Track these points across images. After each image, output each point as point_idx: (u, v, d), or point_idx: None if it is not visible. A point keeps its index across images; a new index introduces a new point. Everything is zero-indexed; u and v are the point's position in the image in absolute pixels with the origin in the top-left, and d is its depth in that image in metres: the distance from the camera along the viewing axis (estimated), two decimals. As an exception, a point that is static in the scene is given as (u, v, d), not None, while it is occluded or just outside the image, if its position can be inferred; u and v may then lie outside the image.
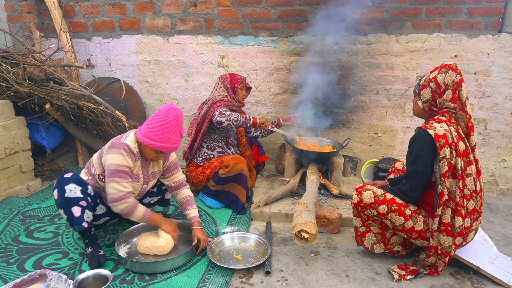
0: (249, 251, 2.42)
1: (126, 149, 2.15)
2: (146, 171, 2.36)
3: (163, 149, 2.13)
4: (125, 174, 2.15)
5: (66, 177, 2.18)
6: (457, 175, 2.02)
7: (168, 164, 2.48)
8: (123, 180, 2.14)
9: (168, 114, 2.11)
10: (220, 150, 3.20)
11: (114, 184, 2.12)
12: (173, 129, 2.13)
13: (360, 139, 3.92)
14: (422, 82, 2.15)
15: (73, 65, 3.64)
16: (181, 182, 2.55)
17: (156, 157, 2.24)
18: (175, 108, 2.16)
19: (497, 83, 3.52)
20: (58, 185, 2.18)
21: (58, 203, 2.19)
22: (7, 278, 2.08)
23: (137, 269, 2.17)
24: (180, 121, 2.17)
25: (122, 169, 2.13)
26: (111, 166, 2.13)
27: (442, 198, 2.04)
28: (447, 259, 2.12)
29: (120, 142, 2.18)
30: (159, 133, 2.10)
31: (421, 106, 2.18)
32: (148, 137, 2.11)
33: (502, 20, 3.40)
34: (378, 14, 3.56)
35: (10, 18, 3.97)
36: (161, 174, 2.50)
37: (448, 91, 2.05)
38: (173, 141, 2.14)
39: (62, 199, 2.15)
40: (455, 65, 2.06)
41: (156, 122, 2.12)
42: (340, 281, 2.16)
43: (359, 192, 2.25)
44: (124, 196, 2.14)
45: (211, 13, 3.79)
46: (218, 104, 3.06)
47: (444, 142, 1.99)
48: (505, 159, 3.68)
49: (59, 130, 3.68)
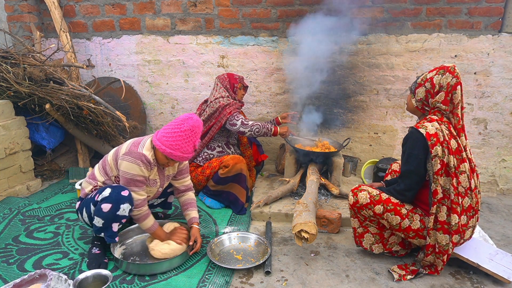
0: (249, 251, 2.42)
1: (143, 160, 2.14)
2: (163, 175, 2.37)
3: (172, 156, 2.11)
4: (141, 183, 2.18)
5: (124, 195, 2.11)
6: (450, 173, 2.03)
7: (182, 167, 2.49)
8: (140, 189, 2.18)
9: (184, 123, 2.09)
10: (220, 150, 3.20)
11: (132, 193, 2.15)
12: (187, 138, 2.10)
13: (360, 139, 3.93)
14: (419, 80, 2.16)
15: (73, 65, 3.64)
16: (189, 186, 2.58)
17: (167, 163, 2.22)
18: (194, 119, 2.12)
19: (497, 83, 3.52)
20: (114, 201, 2.10)
21: (104, 215, 2.11)
22: (7, 278, 2.08)
23: (134, 271, 2.16)
24: (196, 132, 2.13)
25: (138, 179, 2.16)
26: (127, 175, 2.14)
27: (436, 196, 2.05)
28: (445, 258, 2.12)
29: (137, 152, 2.15)
30: (172, 140, 2.08)
31: (414, 104, 2.20)
32: (161, 142, 2.11)
33: (502, 20, 3.41)
34: (378, 14, 3.56)
35: (10, 18, 3.97)
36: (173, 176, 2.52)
37: (441, 93, 2.07)
38: (183, 151, 2.11)
39: (112, 215, 2.11)
40: (454, 68, 2.07)
41: (172, 128, 2.11)
42: (340, 281, 2.16)
43: (354, 193, 2.26)
44: (141, 204, 2.19)
45: (211, 13, 3.79)
46: (228, 110, 3.05)
47: (435, 141, 2.00)
48: (505, 159, 3.68)
49: (59, 130, 3.68)
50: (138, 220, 2.25)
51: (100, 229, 2.17)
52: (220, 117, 3.06)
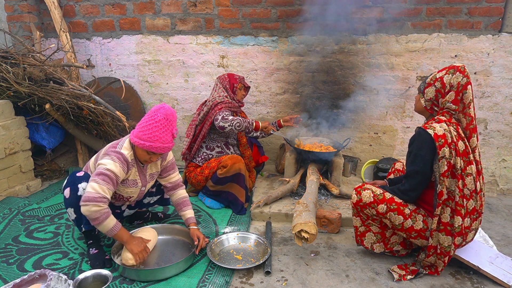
0: (249, 251, 2.42)
1: (120, 158, 2.11)
2: (144, 175, 2.34)
3: (153, 149, 2.08)
4: (109, 179, 2.05)
5: (79, 176, 2.16)
6: (456, 175, 2.02)
7: (165, 164, 2.46)
8: (105, 184, 2.03)
9: (157, 113, 2.07)
10: (219, 150, 3.20)
11: (95, 184, 2.01)
12: (163, 128, 2.07)
13: (360, 139, 3.92)
14: (428, 80, 2.14)
15: (73, 65, 3.64)
16: (177, 183, 2.54)
17: (150, 158, 2.17)
18: (166, 107, 2.11)
19: (497, 83, 3.52)
20: (70, 184, 2.15)
21: (69, 202, 2.15)
22: (7, 278, 2.08)
23: (133, 277, 2.12)
24: (171, 120, 2.10)
25: (109, 173, 2.05)
26: (99, 168, 2.08)
27: (441, 197, 2.04)
28: (446, 259, 2.12)
29: (115, 151, 2.14)
30: (148, 133, 2.06)
31: (424, 104, 2.18)
32: (138, 137, 2.08)
33: (502, 20, 3.40)
34: (378, 14, 3.56)
35: (10, 18, 3.96)
36: (158, 174, 2.49)
37: (452, 92, 2.05)
38: (163, 141, 2.08)
39: (74, 198, 2.12)
40: (464, 67, 2.06)
41: (146, 122, 2.09)
42: (340, 281, 2.16)
43: (358, 191, 2.25)
44: (99, 200, 1.99)
45: (211, 13, 3.79)
46: (219, 106, 3.05)
47: (443, 142, 1.99)
48: (505, 159, 3.68)
49: (59, 130, 3.68)
50: (96, 220, 2.00)
51: (77, 219, 2.16)
52: (211, 113, 3.06)
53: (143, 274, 2.11)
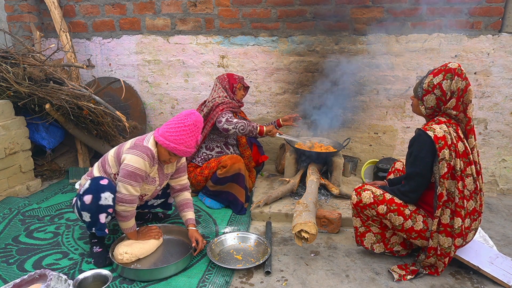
0: (249, 251, 2.42)
1: (148, 154, 2.14)
2: (162, 173, 2.37)
3: (176, 151, 2.12)
4: (140, 178, 2.15)
5: (103, 184, 2.12)
6: (456, 176, 2.02)
7: (179, 166, 2.49)
8: (138, 185, 2.15)
9: (188, 118, 2.13)
10: (219, 151, 3.20)
11: (129, 186, 2.12)
12: (190, 133, 2.13)
13: (360, 139, 3.92)
14: (425, 87, 2.08)
15: (73, 65, 3.64)
16: (185, 186, 2.57)
17: (169, 159, 2.23)
18: (196, 114, 2.16)
19: (497, 83, 3.52)
20: (93, 191, 2.11)
21: (88, 207, 2.12)
22: (7, 278, 2.08)
23: (132, 277, 2.12)
24: (198, 127, 2.17)
25: (139, 173, 2.13)
26: (129, 167, 2.11)
27: (441, 199, 2.04)
28: (446, 260, 2.12)
29: (144, 146, 2.17)
30: (175, 135, 2.11)
31: (424, 112, 2.15)
32: (164, 137, 2.13)
33: (502, 20, 3.40)
34: (378, 14, 3.56)
35: (10, 18, 3.97)
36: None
37: (453, 99, 2.03)
38: (187, 145, 2.14)
39: (94, 206, 2.10)
40: (460, 69, 2.01)
41: (175, 123, 2.13)
42: (340, 281, 2.16)
43: (358, 192, 2.25)
44: (134, 201, 2.17)
45: (211, 13, 3.79)
46: (220, 108, 3.05)
47: (443, 144, 1.98)
48: (505, 159, 3.68)
49: (59, 130, 3.68)
50: (125, 218, 2.18)
51: (90, 223, 2.16)
52: (213, 114, 3.06)
53: (142, 274, 2.11)
